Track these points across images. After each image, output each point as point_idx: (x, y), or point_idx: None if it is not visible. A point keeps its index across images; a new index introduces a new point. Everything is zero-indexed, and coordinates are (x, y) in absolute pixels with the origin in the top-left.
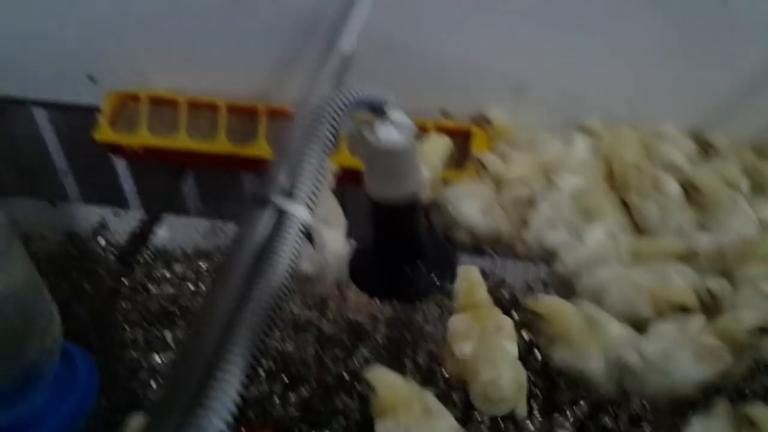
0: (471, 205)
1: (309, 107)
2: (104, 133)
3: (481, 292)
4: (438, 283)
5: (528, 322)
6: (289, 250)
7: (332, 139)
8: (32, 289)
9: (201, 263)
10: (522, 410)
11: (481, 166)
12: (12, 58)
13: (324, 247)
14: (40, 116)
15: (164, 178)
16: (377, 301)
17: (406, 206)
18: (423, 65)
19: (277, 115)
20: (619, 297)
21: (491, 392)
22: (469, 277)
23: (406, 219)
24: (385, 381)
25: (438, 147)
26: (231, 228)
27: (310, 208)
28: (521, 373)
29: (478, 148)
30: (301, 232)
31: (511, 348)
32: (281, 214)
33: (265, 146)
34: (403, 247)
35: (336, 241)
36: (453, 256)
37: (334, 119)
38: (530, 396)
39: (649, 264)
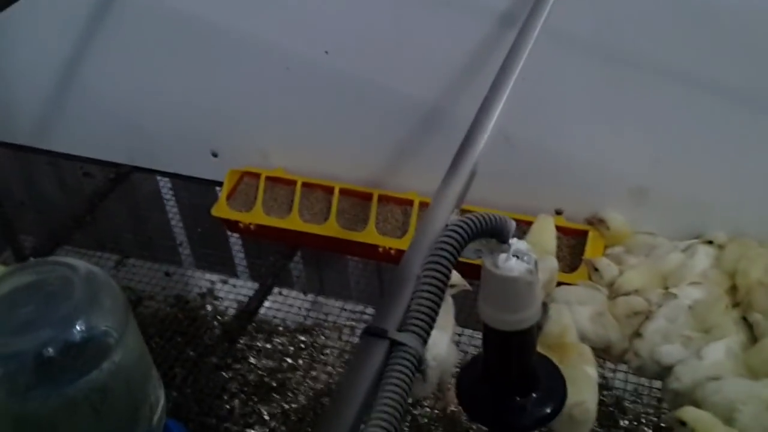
0: (581, 311)
1: (430, 230)
2: (221, 209)
3: (571, 336)
4: (549, 417)
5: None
6: (402, 384)
7: (451, 268)
8: (144, 369)
9: (301, 338)
10: None
11: (594, 270)
12: (143, 130)
13: (427, 349)
14: (165, 185)
15: (275, 253)
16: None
17: (521, 335)
18: (541, 162)
19: (389, 201)
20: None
21: (578, 414)
22: (561, 320)
23: (520, 348)
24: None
25: (545, 228)
26: (333, 304)
27: (424, 340)
28: None
29: (593, 251)
30: (414, 366)
31: (592, 372)
32: (395, 346)
33: (374, 233)
34: (515, 377)
35: (441, 345)
36: (565, 384)
37: (455, 249)
38: None
39: None
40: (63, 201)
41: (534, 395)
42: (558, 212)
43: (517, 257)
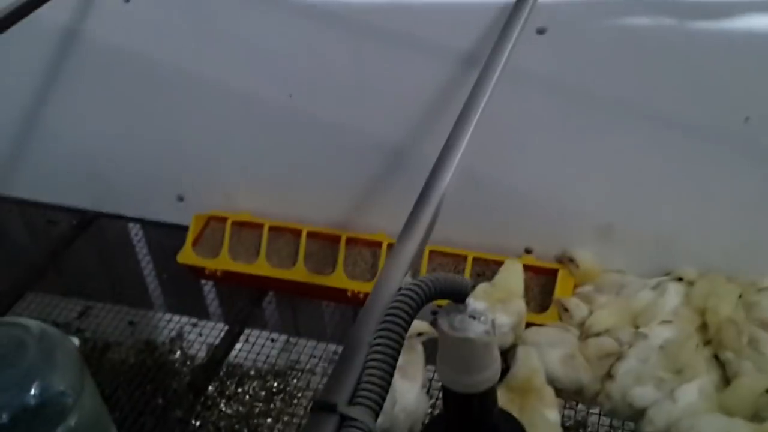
0: (552, 354)
1: (383, 293)
2: (187, 256)
3: (538, 379)
4: None
5: None
6: None
7: (404, 334)
8: (103, 426)
9: (273, 382)
10: None
11: (564, 310)
12: (107, 175)
13: (395, 402)
14: (132, 230)
15: (243, 296)
16: None
17: (481, 397)
18: (509, 201)
19: (357, 243)
20: None
21: None
22: (529, 363)
23: (480, 409)
24: None
25: (513, 280)
26: (306, 346)
27: (375, 414)
28: None
29: (563, 290)
30: None
31: (554, 416)
32: (345, 421)
33: (342, 277)
34: None
35: (409, 396)
36: None
37: (408, 315)
38: None
39: None
40: (27, 248)
41: None
42: (528, 251)
43: (474, 317)
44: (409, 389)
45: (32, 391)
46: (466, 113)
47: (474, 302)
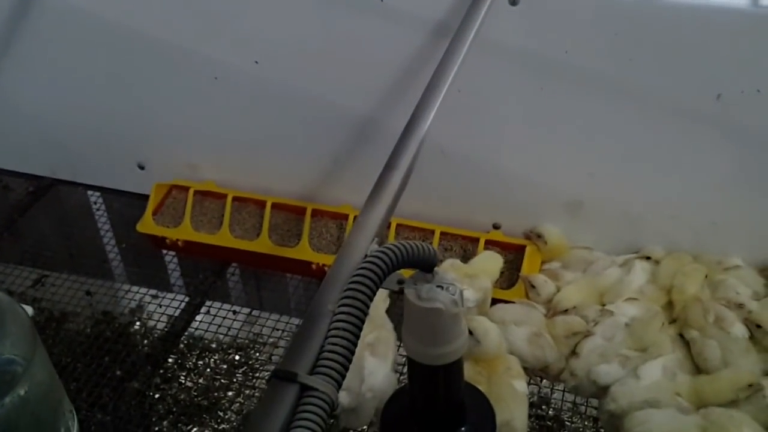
0: (518, 332)
1: (348, 261)
2: (147, 225)
3: (501, 350)
4: None
5: None
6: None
7: (369, 303)
8: (54, 402)
9: (235, 356)
10: None
11: (531, 286)
12: (65, 141)
13: (363, 379)
14: (92, 198)
15: (207, 268)
16: None
17: (447, 369)
18: (477, 175)
19: (323, 215)
20: None
21: None
22: (496, 335)
23: (447, 382)
24: None
25: (490, 265)
26: (268, 319)
27: (338, 384)
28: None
29: (530, 266)
30: (326, 412)
31: (521, 387)
32: (306, 391)
33: (307, 249)
34: (443, 411)
35: (378, 374)
36: (494, 416)
37: (374, 282)
38: None
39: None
40: None
41: (462, 430)
42: (495, 226)
43: (442, 287)
44: (378, 367)
45: None
46: (434, 83)
47: (442, 272)
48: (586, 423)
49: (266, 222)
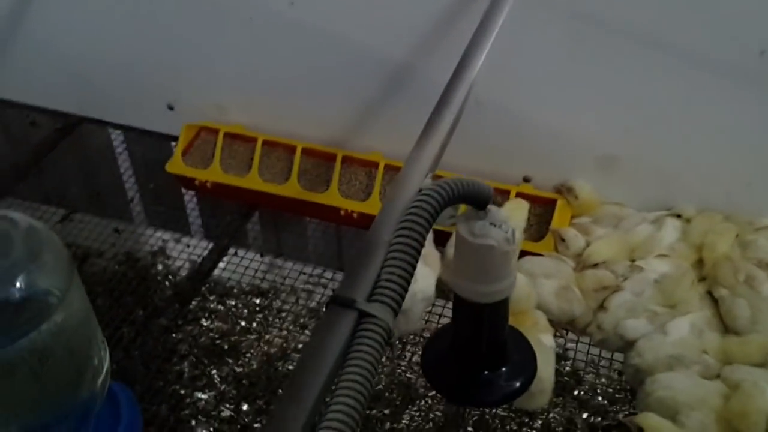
0: (547, 285)
1: (402, 194)
2: (176, 165)
3: (530, 303)
4: (518, 392)
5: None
6: (371, 359)
7: (425, 234)
8: (88, 332)
9: (256, 300)
10: None
11: (561, 240)
12: (93, 79)
13: (416, 280)
14: (117, 138)
15: (231, 212)
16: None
17: (495, 308)
18: (510, 126)
19: (353, 162)
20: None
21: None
22: (525, 288)
23: (492, 321)
24: None
25: (516, 213)
26: (290, 267)
27: (395, 312)
28: None
29: (560, 220)
30: (384, 339)
31: (549, 341)
32: (364, 317)
33: (336, 195)
34: (486, 350)
35: (429, 280)
36: (535, 358)
37: (430, 215)
38: None
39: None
40: (7, 151)
41: (503, 369)
42: (526, 179)
43: (495, 225)
44: (428, 275)
45: (16, 285)
46: (481, 33)
47: (495, 210)
48: (602, 380)
49: (296, 167)
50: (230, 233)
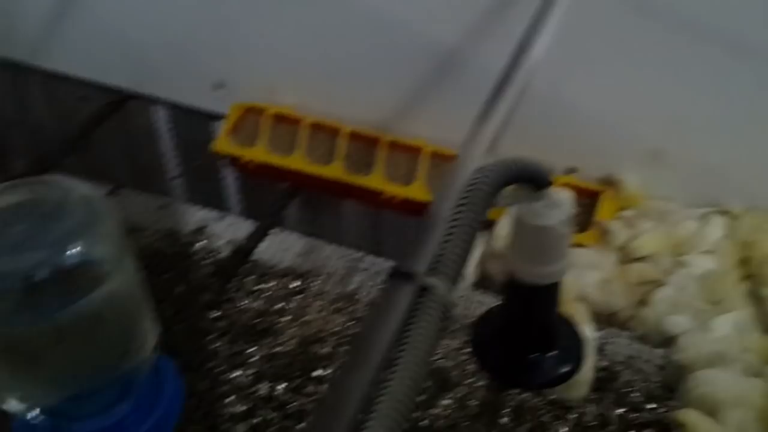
0: (589, 276)
1: (462, 173)
2: (223, 144)
3: (572, 293)
4: (566, 377)
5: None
6: (430, 333)
7: (484, 212)
8: (139, 302)
9: (294, 282)
10: None
11: (606, 233)
12: (140, 54)
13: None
14: (163, 115)
15: (273, 193)
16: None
17: (548, 290)
18: (557, 114)
19: (396, 147)
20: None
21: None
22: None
23: (545, 304)
24: None
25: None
26: (329, 250)
27: (454, 285)
28: None
29: (604, 213)
30: (443, 313)
31: (590, 332)
32: (423, 291)
33: (380, 178)
34: (536, 333)
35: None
36: (583, 344)
37: (488, 192)
38: None
39: None
40: (55, 125)
41: (552, 353)
42: (571, 170)
43: (553, 206)
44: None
45: (71, 251)
46: (542, 16)
47: (554, 191)
48: (639, 376)
49: (341, 149)
50: (272, 214)
